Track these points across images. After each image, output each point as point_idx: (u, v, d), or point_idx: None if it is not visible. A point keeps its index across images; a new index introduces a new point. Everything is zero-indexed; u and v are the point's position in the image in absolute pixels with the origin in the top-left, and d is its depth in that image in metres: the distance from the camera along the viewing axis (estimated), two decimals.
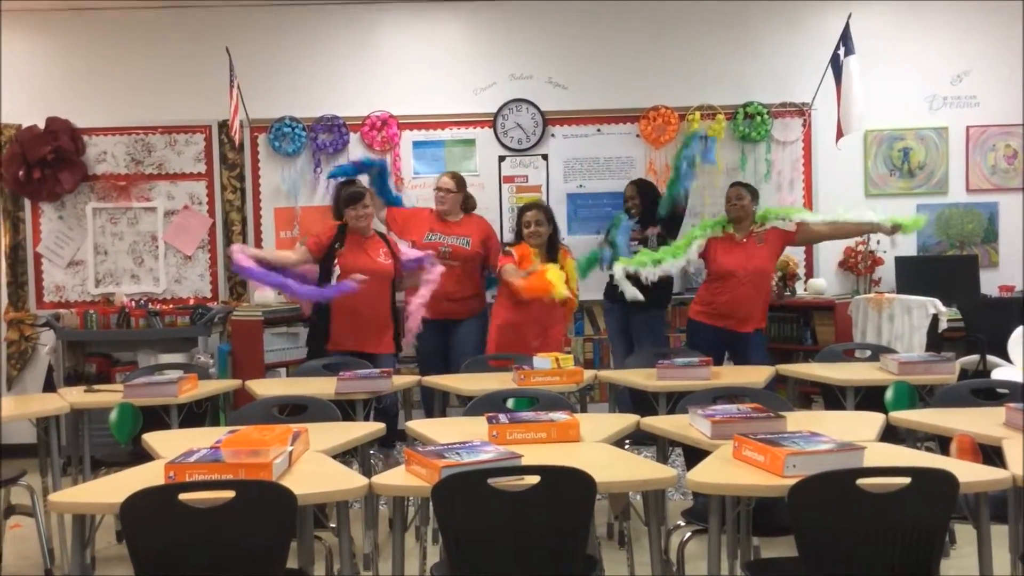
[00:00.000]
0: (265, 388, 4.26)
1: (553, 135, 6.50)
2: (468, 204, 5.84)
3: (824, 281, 6.31)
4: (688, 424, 3.01)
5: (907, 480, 2.20)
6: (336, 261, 5.10)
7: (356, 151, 6.45)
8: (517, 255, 5.20)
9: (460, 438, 2.69)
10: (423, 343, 5.54)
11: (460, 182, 5.79)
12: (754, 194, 5.41)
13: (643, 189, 5.88)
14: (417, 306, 5.18)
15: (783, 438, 2.50)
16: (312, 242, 5.23)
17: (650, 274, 5.27)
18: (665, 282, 5.69)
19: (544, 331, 5.18)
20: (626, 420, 3.25)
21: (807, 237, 5.51)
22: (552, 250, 5.25)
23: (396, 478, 2.50)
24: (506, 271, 5.15)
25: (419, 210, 5.99)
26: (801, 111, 6.45)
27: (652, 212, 5.78)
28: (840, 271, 6.50)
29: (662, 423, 3.19)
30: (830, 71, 5.98)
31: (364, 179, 5.90)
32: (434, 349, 5.63)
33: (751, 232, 5.31)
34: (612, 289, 5.73)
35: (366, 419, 4.09)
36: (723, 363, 5.24)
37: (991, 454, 2.65)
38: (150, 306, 6.22)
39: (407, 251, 5.37)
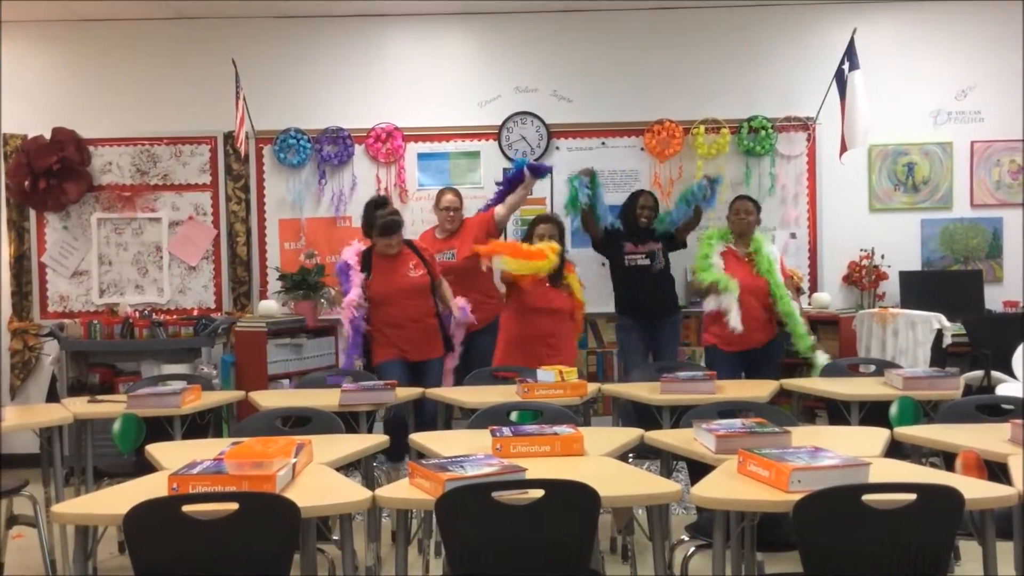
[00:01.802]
0: (268, 399, 4.25)
1: (558, 148, 6.51)
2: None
3: (828, 295, 6.30)
4: (692, 438, 3.00)
5: (913, 496, 2.19)
6: (367, 292, 5.02)
7: (361, 163, 6.47)
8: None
9: (463, 451, 2.69)
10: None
11: (461, 197, 5.85)
12: (759, 209, 5.42)
13: (656, 202, 5.90)
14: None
15: (788, 453, 2.50)
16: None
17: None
18: (673, 289, 5.76)
19: (552, 347, 5.10)
20: (630, 434, 3.24)
21: None
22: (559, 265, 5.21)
23: (399, 491, 2.49)
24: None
25: (424, 235, 5.94)
26: (806, 125, 6.46)
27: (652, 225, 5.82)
28: (844, 285, 6.49)
29: (666, 437, 3.18)
30: (835, 86, 6.00)
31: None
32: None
33: (751, 252, 5.31)
34: (628, 305, 5.72)
35: (369, 431, 4.08)
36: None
37: (996, 470, 2.64)
38: (154, 316, 6.22)
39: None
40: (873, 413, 3.92)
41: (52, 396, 6.03)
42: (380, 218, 5.03)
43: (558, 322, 5.19)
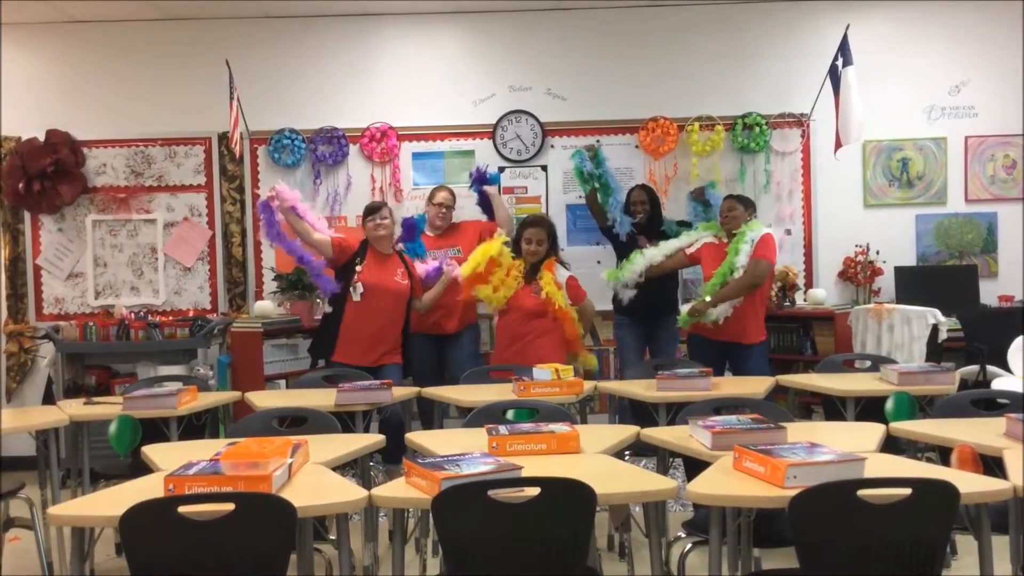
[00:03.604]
0: (265, 400, 4.25)
1: (552, 146, 6.51)
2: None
3: (824, 291, 6.31)
4: (688, 435, 3.00)
5: (908, 491, 2.19)
6: (357, 277, 5.06)
7: (355, 163, 6.47)
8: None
9: (459, 450, 2.69)
10: (417, 357, 5.53)
11: (455, 196, 5.90)
12: (747, 205, 5.39)
13: (652, 196, 5.89)
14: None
15: (783, 449, 2.50)
16: (337, 240, 5.19)
17: (637, 270, 5.48)
18: (674, 289, 5.77)
19: (528, 345, 5.03)
20: (626, 431, 3.24)
21: None
22: (537, 264, 5.15)
23: (396, 490, 2.49)
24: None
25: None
26: (800, 122, 6.47)
27: (656, 222, 5.80)
28: (840, 281, 6.50)
29: (662, 434, 3.19)
30: (828, 82, 6.00)
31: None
32: (429, 362, 5.63)
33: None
34: (627, 305, 5.75)
35: (366, 431, 4.08)
36: (723, 375, 5.22)
37: (992, 465, 2.64)
38: (149, 318, 6.21)
39: (422, 266, 5.43)
40: (869, 409, 3.92)
41: (48, 398, 6.03)
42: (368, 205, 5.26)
43: (531, 322, 5.08)
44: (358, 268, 5.09)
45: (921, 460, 3.19)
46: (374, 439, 3.28)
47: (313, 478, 2.64)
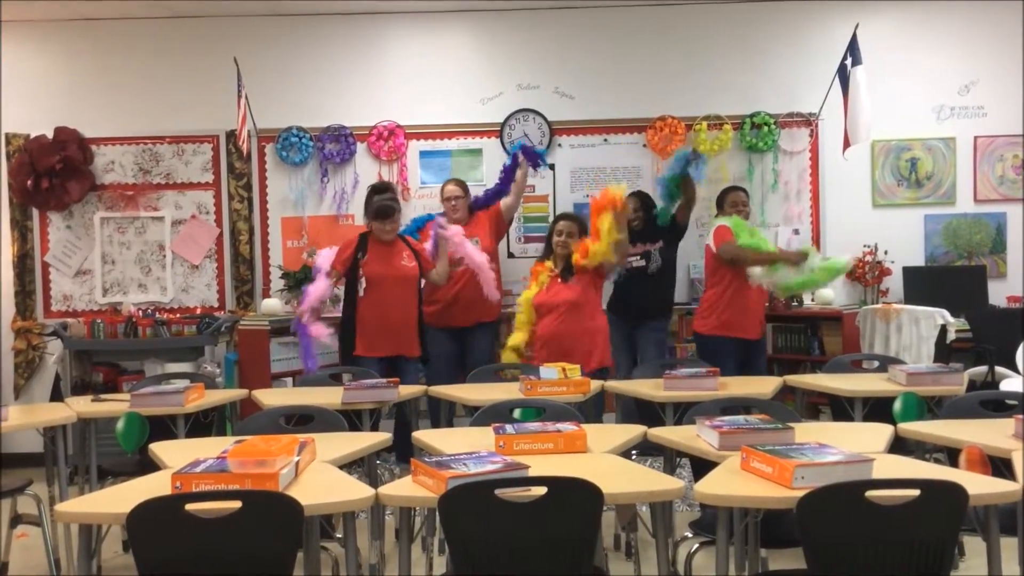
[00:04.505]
0: (272, 398, 4.26)
1: (560, 145, 6.50)
2: (470, 204, 5.92)
3: (832, 292, 6.27)
4: (695, 435, 3.00)
5: (916, 492, 2.18)
6: (361, 271, 5.09)
7: (363, 161, 6.47)
8: (532, 274, 5.35)
9: (467, 448, 2.69)
10: (436, 350, 5.53)
11: (465, 186, 5.89)
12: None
13: (645, 201, 5.88)
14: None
15: (791, 449, 2.49)
16: (337, 264, 5.16)
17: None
18: (668, 293, 5.76)
19: (570, 344, 4.96)
20: (633, 431, 3.23)
21: None
22: (570, 262, 5.15)
23: (403, 489, 2.49)
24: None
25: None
26: (808, 121, 6.45)
27: (653, 225, 5.79)
28: (848, 281, 6.47)
29: (669, 434, 3.18)
30: (837, 81, 5.98)
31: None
32: (448, 357, 5.63)
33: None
34: (615, 303, 5.75)
35: (374, 429, 4.09)
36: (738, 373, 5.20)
37: (1000, 466, 2.63)
38: (157, 315, 6.23)
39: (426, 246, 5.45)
40: (877, 409, 3.91)
41: (56, 395, 6.04)
42: (377, 202, 5.15)
43: (575, 317, 5.05)
44: (361, 262, 5.10)
45: (929, 461, 3.18)
46: (380, 437, 3.27)
47: (320, 476, 2.64)
